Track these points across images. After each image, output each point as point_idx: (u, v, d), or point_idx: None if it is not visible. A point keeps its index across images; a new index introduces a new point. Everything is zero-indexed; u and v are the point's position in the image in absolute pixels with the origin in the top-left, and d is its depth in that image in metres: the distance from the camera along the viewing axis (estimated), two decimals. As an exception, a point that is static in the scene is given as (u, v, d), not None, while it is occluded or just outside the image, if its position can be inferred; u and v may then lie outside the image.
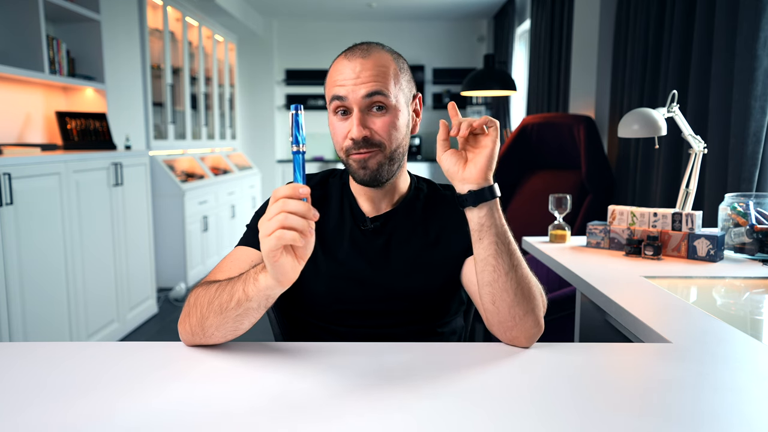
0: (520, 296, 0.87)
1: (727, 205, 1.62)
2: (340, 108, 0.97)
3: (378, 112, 0.96)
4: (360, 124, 0.95)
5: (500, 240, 0.87)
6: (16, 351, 0.89)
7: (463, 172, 0.88)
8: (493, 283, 0.87)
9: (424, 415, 0.67)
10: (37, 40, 2.80)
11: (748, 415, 0.69)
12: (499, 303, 0.87)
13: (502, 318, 0.88)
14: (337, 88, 0.96)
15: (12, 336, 2.20)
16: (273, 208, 0.73)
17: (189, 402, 0.71)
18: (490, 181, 0.87)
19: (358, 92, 0.94)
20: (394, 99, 0.97)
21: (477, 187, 0.87)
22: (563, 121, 3.15)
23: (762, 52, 1.82)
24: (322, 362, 0.83)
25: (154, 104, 4.35)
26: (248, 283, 0.81)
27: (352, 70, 0.95)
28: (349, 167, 1.00)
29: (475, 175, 0.87)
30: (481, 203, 0.86)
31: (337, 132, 0.98)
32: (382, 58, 0.97)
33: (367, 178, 0.98)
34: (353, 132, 0.95)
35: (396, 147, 0.99)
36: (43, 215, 2.41)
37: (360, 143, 0.95)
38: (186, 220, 4.11)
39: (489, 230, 0.87)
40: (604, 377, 0.80)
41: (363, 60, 0.96)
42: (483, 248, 0.87)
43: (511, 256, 0.87)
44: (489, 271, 0.87)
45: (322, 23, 6.95)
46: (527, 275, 0.89)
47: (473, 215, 0.87)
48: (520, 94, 5.30)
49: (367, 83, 0.95)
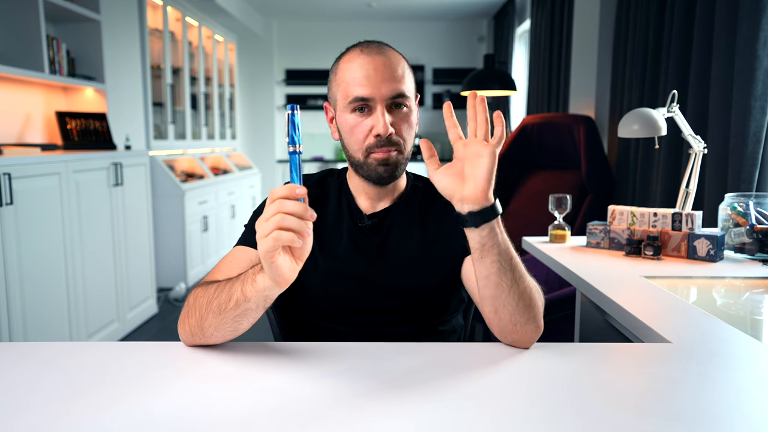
0: (522, 307, 0.86)
1: (727, 205, 1.62)
2: (361, 106, 0.96)
3: (399, 111, 0.97)
4: (387, 121, 0.95)
5: (503, 258, 0.84)
6: (16, 351, 0.89)
7: (461, 191, 0.83)
8: (495, 298, 0.86)
9: (423, 415, 0.67)
10: (37, 40, 2.80)
11: (749, 415, 0.69)
12: (501, 313, 0.87)
13: (503, 325, 0.88)
14: (360, 88, 0.95)
15: (12, 336, 2.20)
16: (270, 209, 0.73)
17: (189, 402, 0.71)
18: (491, 200, 0.82)
19: (384, 90, 0.95)
20: (411, 99, 0.99)
21: (478, 207, 0.82)
22: (563, 121, 3.15)
23: (762, 52, 1.82)
24: (321, 362, 0.83)
25: (154, 104, 4.35)
26: (246, 284, 0.80)
27: (375, 68, 0.95)
28: (365, 165, 0.99)
29: (475, 194, 0.81)
30: (483, 224, 0.82)
31: (358, 129, 0.97)
32: (396, 57, 0.99)
33: (386, 176, 0.99)
34: (379, 128, 0.95)
35: (411, 147, 1.01)
36: (43, 215, 2.41)
37: (384, 140, 0.96)
38: (186, 220, 4.11)
39: (491, 250, 0.83)
40: (604, 377, 0.80)
41: (383, 58, 0.96)
42: (485, 266, 0.84)
43: (514, 271, 0.85)
44: (491, 287, 0.85)
45: (322, 23, 6.95)
46: (529, 286, 0.87)
47: (474, 235, 0.83)
48: (520, 94, 5.29)
49: (392, 83, 0.95)
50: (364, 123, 0.97)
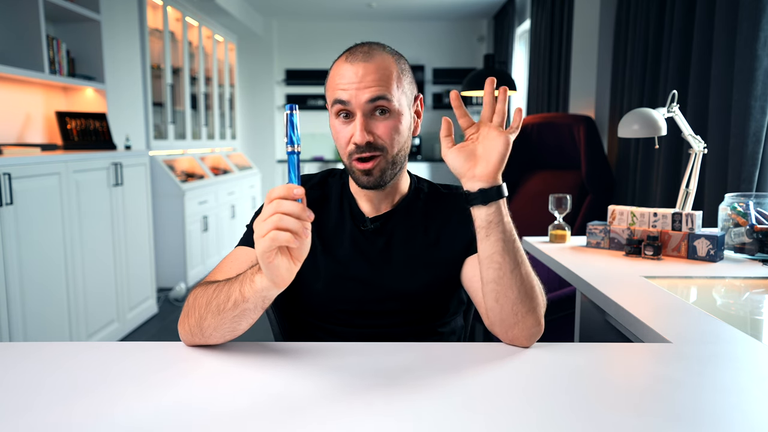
0: (523, 294, 0.87)
1: (727, 205, 1.62)
2: (342, 111, 0.96)
3: (381, 117, 0.96)
4: (363, 129, 0.94)
5: (506, 237, 0.87)
6: (16, 351, 0.89)
7: (474, 169, 0.88)
8: (498, 280, 0.87)
9: (423, 415, 0.67)
10: (37, 40, 2.79)
11: (749, 415, 0.69)
12: (502, 300, 0.87)
13: (504, 315, 0.88)
14: (340, 92, 0.95)
15: (12, 336, 2.20)
16: (267, 209, 0.73)
17: (189, 402, 0.71)
18: (499, 180, 0.88)
19: (361, 97, 0.94)
20: (397, 103, 0.96)
21: (487, 185, 0.87)
22: (563, 121, 3.15)
23: (762, 52, 1.82)
24: (321, 362, 0.83)
25: (154, 104, 4.35)
26: (245, 284, 0.80)
27: (355, 73, 0.94)
28: (352, 172, 1.00)
29: (487, 174, 0.87)
30: (490, 202, 0.87)
31: (340, 136, 0.98)
32: (384, 60, 0.96)
33: (370, 185, 0.99)
34: (356, 137, 0.94)
35: (398, 151, 0.98)
36: (43, 215, 2.41)
37: (363, 148, 0.95)
38: (186, 220, 4.11)
39: (496, 227, 0.87)
40: (604, 377, 0.80)
41: (365, 63, 0.95)
42: (489, 245, 0.87)
43: (516, 253, 0.87)
44: (494, 269, 0.87)
45: (322, 23, 6.95)
46: (530, 273, 0.89)
47: (481, 212, 0.87)
48: (520, 94, 5.30)
49: (370, 87, 0.94)
50: (346, 129, 0.97)
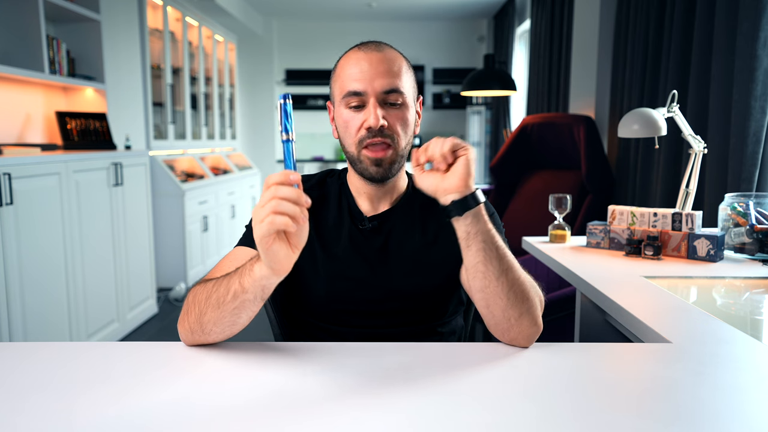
0: (513, 299, 0.87)
1: (727, 205, 1.62)
2: (354, 102, 0.97)
3: (392, 107, 0.98)
4: (378, 113, 0.95)
5: (488, 246, 0.86)
6: (16, 351, 0.89)
7: (443, 184, 0.87)
8: (484, 289, 0.87)
9: (423, 415, 0.67)
10: (37, 40, 2.80)
11: (749, 415, 0.69)
12: (492, 307, 0.88)
13: (497, 321, 0.88)
14: (354, 83, 0.96)
15: (12, 336, 2.20)
16: (265, 194, 0.74)
17: (189, 402, 0.71)
18: (471, 188, 0.87)
19: (376, 85, 0.95)
20: (407, 96, 0.99)
21: (459, 195, 0.86)
22: (563, 121, 3.15)
23: (762, 52, 1.82)
24: (321, 362, 0.83)
25: (154, 104, 4.35)
26: (244, 275, 0.81)
27: (369, 63, 0.96)
28: (359, 163, 1.00)
29: (456, 184, 0.86)
30: (466, 211, 0.86)
31: (351, 124, 0.98)
32: (394, 54, 1.00)
33: (378, 176, 0.99)
34: (371, 120, 0.95)
35: (406, 144, 1.00)
36: (43, 215, 2.41)
37: (376, 132, 0.96)
38: (186, 220, 4.11)
39: (476, 237, 0.86)
40: (603, 377, 0.80)
41: (380, 54, 0.97)
42: (471, 255, 0.87)
43: (501, 260, 0.87)
44: (479, 278, 0.87)
45: (322, 23, 6.95)
46: (519, 277, 0.88)
47: (459, 224, 0.87)
48: (520, 94, 5.29)
49: (386, 78, 0.96)
50: (357, 117, 0.98)
